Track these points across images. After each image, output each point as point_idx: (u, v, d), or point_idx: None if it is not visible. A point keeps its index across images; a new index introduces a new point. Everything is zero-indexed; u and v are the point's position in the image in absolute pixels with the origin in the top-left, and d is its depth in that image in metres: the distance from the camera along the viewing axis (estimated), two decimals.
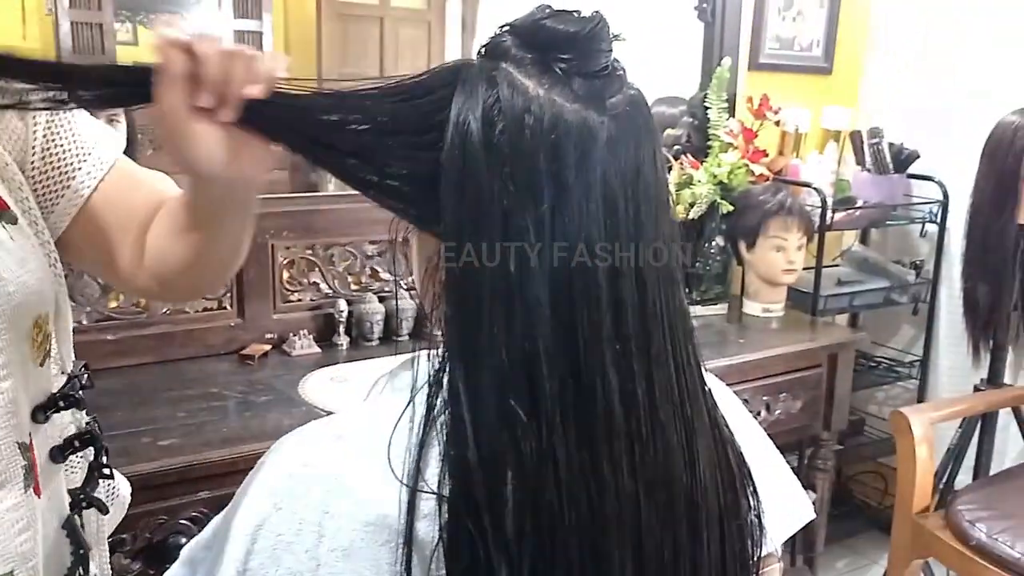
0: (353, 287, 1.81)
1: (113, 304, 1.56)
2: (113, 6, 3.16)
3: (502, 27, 0.67)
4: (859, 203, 2.29)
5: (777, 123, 2.25)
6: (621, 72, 0.66)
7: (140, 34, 3.30)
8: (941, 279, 2.39)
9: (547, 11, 0.66)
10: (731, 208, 2.09)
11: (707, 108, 2.22)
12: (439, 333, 0.63)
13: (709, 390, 0.68)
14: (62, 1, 3.03)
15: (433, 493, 0.57)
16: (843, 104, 2.47)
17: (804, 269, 2.15)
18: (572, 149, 0.61)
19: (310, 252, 1.76)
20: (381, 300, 1.79)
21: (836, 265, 2.45)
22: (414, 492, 0.57)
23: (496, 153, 0.61)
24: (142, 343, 1.57)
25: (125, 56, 3.21)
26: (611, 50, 0.66)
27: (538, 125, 0.60)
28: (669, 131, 2.26)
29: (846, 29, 2.52)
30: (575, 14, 0.65)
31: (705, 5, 2.21)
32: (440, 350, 0.62)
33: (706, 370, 0.68)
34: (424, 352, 0.63)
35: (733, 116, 2.23)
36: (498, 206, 0.60)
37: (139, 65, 0.65)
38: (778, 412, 1.91)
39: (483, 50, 0.67)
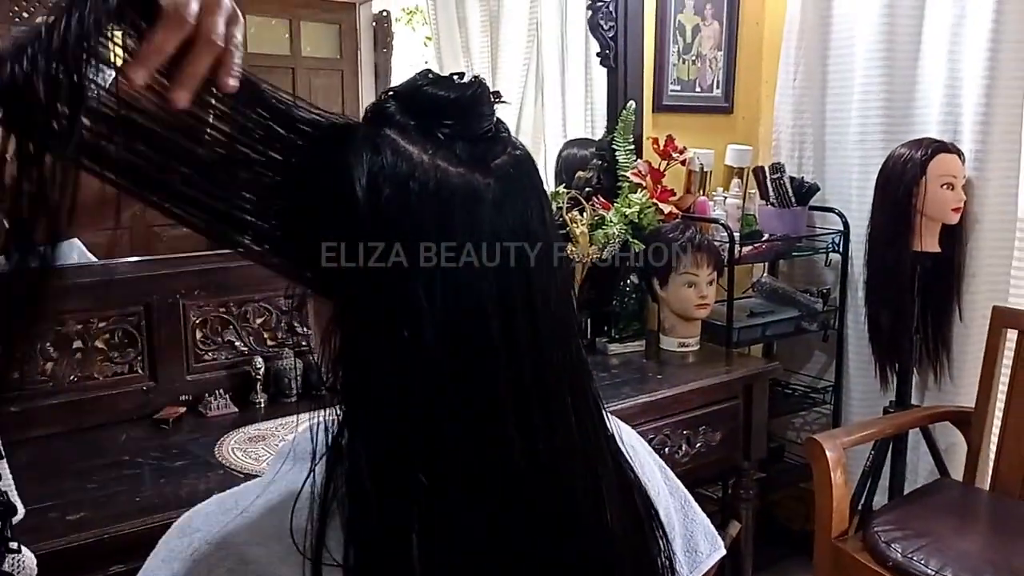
0: (269, 343, 1.79)
1: (16, 374, 1.51)
2: None
3: (385, 93, 0.69)
4: (765, 236, 2.37)
5: (683, 162, 2.32)
6: (505, 134, 0.68)
7: None
8: (847, 306, 2.48)
9: (428, 77, 0.68)
10: (643, 247, 2.14)
11: (615, 150, 2.28)
12: (338, 399, 0.63)
13: (611, 435, 0.70)
14: None
15: (338, 565, 0.57)
16: (745, 142, 2.57)
17: (717, 302, 2.21)
18: (458, 212, 0.62)
19: (223, 310, 1.74)
20: (298, 355, 1.78)
21: (747, 297, 2.52)
22: (317, 565, 0.57)
23: (383, 219, 0.61)
24: (49, 413, 1.52)
25: None
26: (493, 113, 0.68)
27: (423, 190, 0.61)
28: (580, 173, 2.31)
29: (743, 70, 2.63)
30: (456, 79, 0.67)
31: (608, 52, 2.29)
32: (339, 415, 0.62)
33: (607, 413, 0.69)
34: (323, 417, 0.63)
35: (640, 157, 2.30)
36: (388, 273, 0.61)
37: None
38: (699, 445, 1.95)
39: (367, 115, 0.68)
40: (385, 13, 3.99)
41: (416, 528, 0.57)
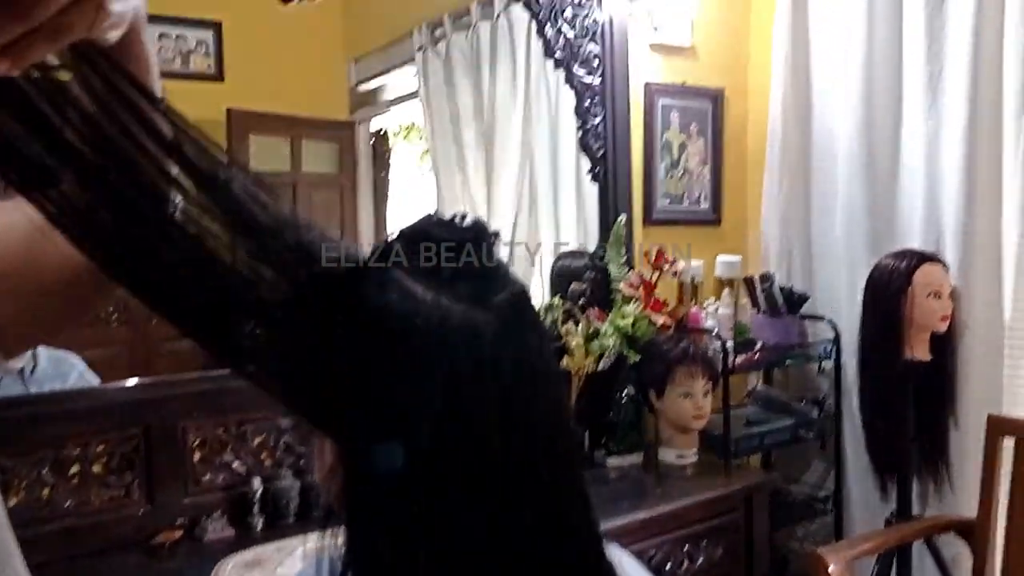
0: (267, 463, 1.79)
1: (12, 501, 1.50)
2: None
3: (392, 234, 0.72)
4: (758, 345, 2.40)
5: (674, 274, 2.37)
6: (504, 272, 0.72)
7: None
8: (844, 414, 2.49)
9: (432, 219, 0.72)
10: (638, 358, 2.16)
11: (607, 263, 2.33)
12: (341, 535, 0.64)
13: (610, 565, 0.71)
14: None
15: None
16: (734, 252, 2.62)
17: (713, 412, 2.22)
18: (461, 348, 0.65)
19: (222, 430, 1.74)
20: (297, 475, 1.77)
21: (743, 406, 2.53)
22: None
23: (388, 357, 0.64)
24: (45, 540, 1.51)
25: None
26: (494, 253, 0.71)
27: (427, 327, 0.64)
28: (574, 285, 2.35)
29: (729, 184, 2.71)
30: (458, 221, 0.71)
31: (598, 169, 2.37)
32: (341, 547, 0.63)
33: (608, 542, 0.71)
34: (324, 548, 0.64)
35: (632, 269, 2.35)
36: (392, 410, 0.63)
37: None
38: (700, 561, 1.93)
39: (374, 254, 0.72)
40: (383, 131, 4.13)
41: None
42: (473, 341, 0.66)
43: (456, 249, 0.69)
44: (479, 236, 0.71)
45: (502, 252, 0.73)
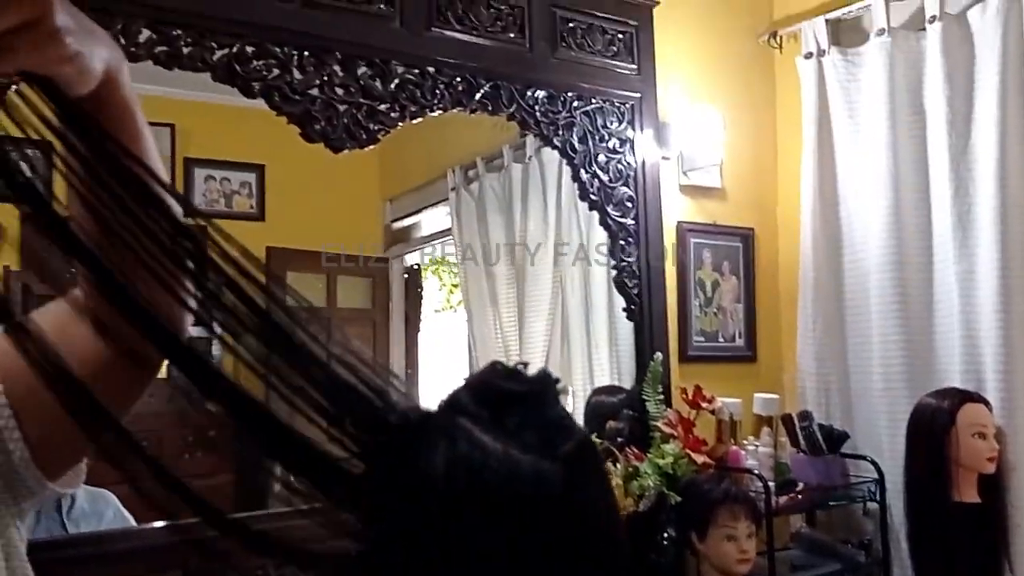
0: None
1: None
2: None
3: (460, 384, 0.74)
4: (800, 485, 2.36)
5: (712, 412, 2.36)
6: (568, 422, 0.73)
7: None
8: (892, 559, 2.41)
9: (498, 370, 0.74)
10: (679, 499, 2.13)
11: (644, 400, 2.33)
12: None
13: None
14: None
15: None
16: (770, 390, 2.62)
17: (757, 555, 2.15)
18: (530, 498, 0.66)
19: (260, 572, 1.72)
20: None
21: (788, 549, 2.46)
22: None
23: (458, 507, 0.65)
24: None
25: None
26: (558, 404, 0.73)
27: (496, 478, 0.65)
28: (611, 423, 2.34)
29: (763, 321, 2.73)
30: (523, 371, 0.74)
31: (633, 307, 2.40)
32: None
33: None
34: None
35: (670, 407, 2.34)
36: (459, 561, 0.63)
37: None
38: None
39: (443, 405, 0.74)
40: (416, 266, 4.23)
41: None
42: (541, 491, 0.67)
43: (521, 400, 0.71)
44: (544, 387, 0.73)
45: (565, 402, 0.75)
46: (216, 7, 1.76)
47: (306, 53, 1.88)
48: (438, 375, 4.29)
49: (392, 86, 2.00)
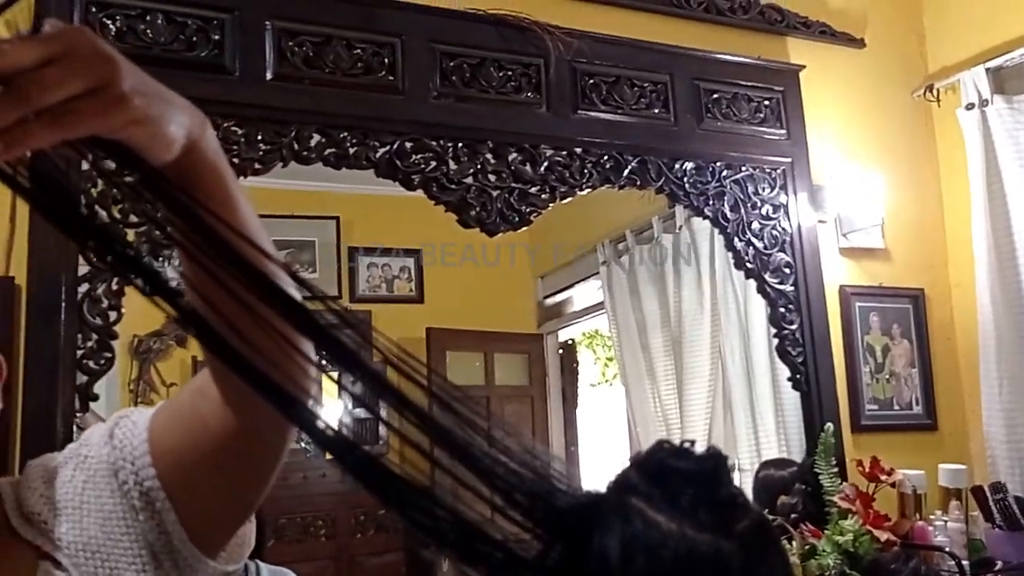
0: None
1: None
2: None
3: (628, 462, 0.75)
4: (998, 564, 2.17)
5: (892, 485, 2.23)
6: (742, 499, 0.73)
7: None
8: None
9: (667, 448, 0.74)
10: None
11: (817, 474, 2.23)
12: None
13: None
14: None
15: None
16: (956, 460, 2.44)
17: None
18: None
19: None
20: None
21: None
22: None
23: None
24: None
25: None
26: (731, 481, 0.73)
27: (673, 557, 0.65)
28: (783, 498, 2.25)
29: (942, 386, 2.57)
30: (692, 449, 0.74)
31: (799, 376, 2.32)
32: None
33: None
34: None
35: (845, 480, 2.23)
36: None
37: None
38: None
39: (613, 485, 0.75)
40: (571, 341, 4.26)
41: None
42: (721, 570, 0.66)
43: (693, 478, 0.71)
44: (717, 465, 0.73)
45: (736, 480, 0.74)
46: (378, 109, 1.89)
47: (460, 144, 1.97)
48: (598, 451, 4.27)
49: (542, 169, 2.06)
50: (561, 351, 4.26)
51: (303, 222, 3.71)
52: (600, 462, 4.18)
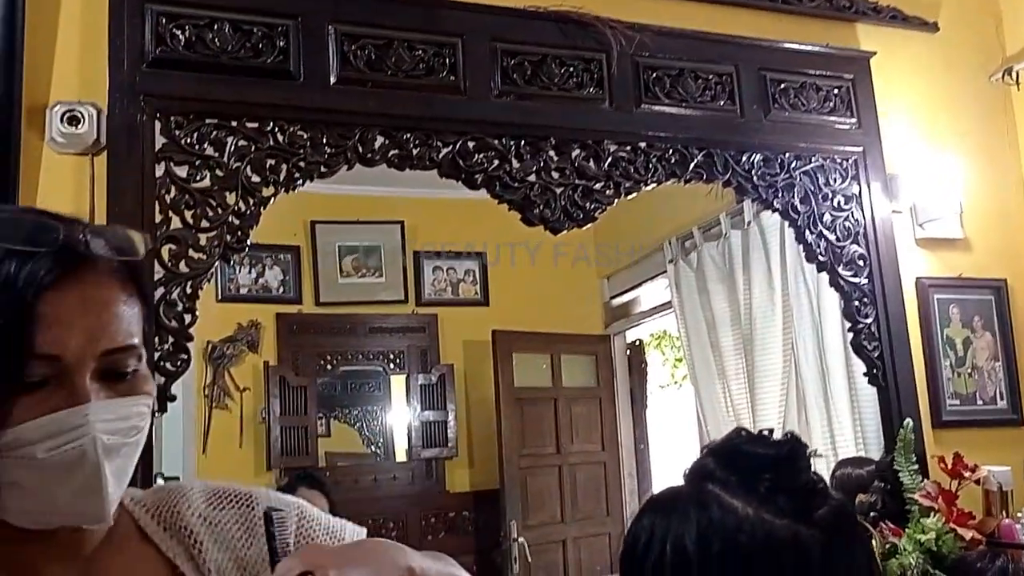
0: None
1: None
2: (316, 409, 3.57)
3: (703, 450, 0.74)
4: None
5: (977, 482, 2.14)
6: (822, 485, 0.70)
7: (332, 427, 3.67)
8: None
9: (743, 435, 0.72)
10: None
11: (897, 471, 2.16)
12: None
13: None
14: (274, 409, 3.44)
15: None
16: None
17: None
18: (789, 563, 0.64)
19: None
20: None
21: None
22: None
23: (715, 573, 0.64)
24: None
25: (321, 448, 3.55)
26: (810, 467, 0.70)
27: (752, 543, 0.64)
28: (862, 497, 2.19)
29: None
30: (769, 436, 0.72)
31: (875, 371, 2.25)
32: None
33: None
34: None
35: (926, 478, 2.15)
36: None
37: None
38: None
39: (689, 473, 0.73)
40: (638, 342, 4.22)
41: None
42: (802, 557, 0.65)
43: (771, 464, 0.70)
44: (795, 451, 0.71)
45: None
46: (440, 109, 1.90)
47: (523, 142, 1.97)
48: (668, 451, 4.21)
49: (606, 165, 2.05)
50: (629, 352, 4.22)
51: (369, 227, 3.75)
52: (671, 461, 4.13)
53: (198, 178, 1.63)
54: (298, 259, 3.63)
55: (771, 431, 0.74)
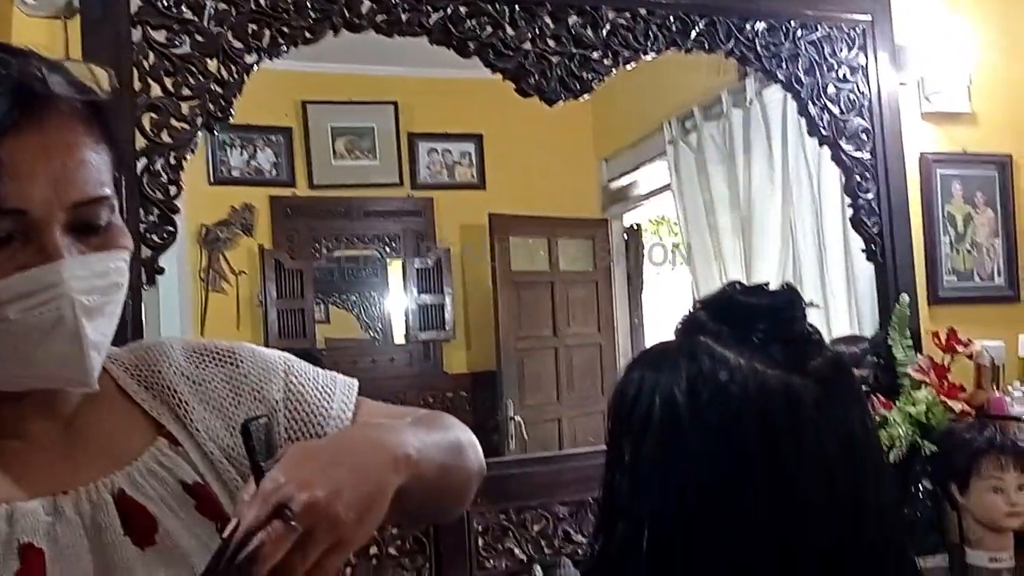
0: (547, 551, 1.80)
1: None
2: (313, 293, 3.57)
3: (695, 303, 0.72)
4: None
5: (970, 356, 2.16)
6: (818, 337, 0.69)
7: (331, 313, 3.68)
8: None
9: (738, 287, 0.70)
10: (934, 449, 1.97)
11: (891, 346, 2.17)
12: None
13: None
14: (271, 292, 3.44)
15: None
16: None
17: None
18: (780, 414, 0.62)
19: (503, 516, 1.78)
20: (575, 564, 1.76)
21: None
22: None
23: (704, 423, 0.63)
24: None
25: (320, 333, 3.57)
26: (805, 317, 0.69)
27: (743, 392, 0.62)
28: (855, 372, 2.20)
29: None
30: (765, 287, 0.69)
31: (874, 247, 2.23)
32: None
33: None
34: None
35: (920, 352, 2.16)
36: (711, 478, 0.61)
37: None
38: None
39: (680, 325, 0.71)
40: (635, 226, 4.19)
41: None
42: (793, 406, 0.63)
43: (766, 313, 0.68)
44: (791, 300, 0.69)
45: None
46: None
47: (517, 8, 1.88)
48: (664, 335, 4.24)
49: (604, 32, 1.97)
50: (626, 236, 4.19)
51: (362, 108, 3.66)
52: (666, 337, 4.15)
53: (177, 43, 1.56)
54: (290, 141, 3.55)
55: (768, 284, 0.71)
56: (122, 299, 0.73)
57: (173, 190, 1.53)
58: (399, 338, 3.71)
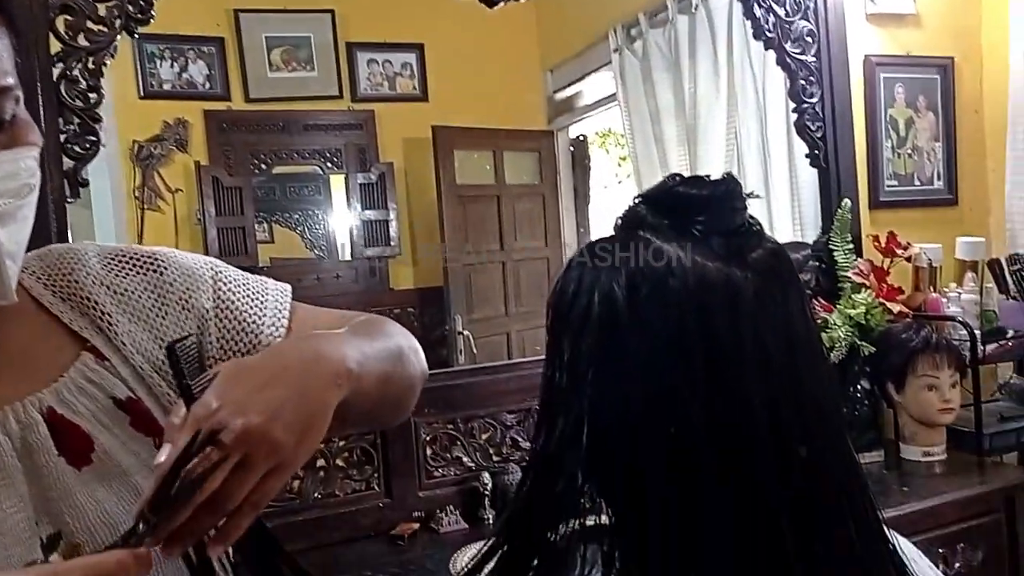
0: (495, 459, 1.82)
1: None
2: (253, 211, 3.48)
3: (635, 198, 0.69)
4: (1010, 333, 2.17)
5: (908, 259, 2.19)
6: (758, 228, 0.67)
7: (275, 232, 3.61)
8: None
9: (677, 179, 0.68)
10: (872, 350, 2.02)
11: (832, 251, 2.19)
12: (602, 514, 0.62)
13: (894, 547, 0.65)
14: (209, 210, 3.35)
15: None
16: (974, 233, 2.39)
17: (962, 407, 2.02)
18: (720, 307, 0.61)
19: (451, 426, 1.79)
20: (524, 469, 1.78)
21: (994, 400, 2.29)
22: None
23: (644, 318, 0.61)
24: (296, 529, 1.60)
25: (264, 253, 3.50)
26: (746, 208, 0.67)
27: (682, 286, 0.61)
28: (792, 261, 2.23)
29: (966, 160, 2.48)
30: (706, 178, 0.68)
31: (817, 152, 2.23)
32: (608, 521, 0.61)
33: (888, 526, 0.64)
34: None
35: (860, 256, 2.20)
36: (650, 372, 0.60)
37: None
38: (958, 565, 1.76)
39: (620, 220, 0.69)
40: (582, 137, 4.15)
41: None
42: (732, 299, 0.62)
43: (705, 204, 0.66)
44: (731, 190, 0.67)
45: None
46: None
47: None
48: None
49: None
50: (572, 148, 4.15)
51: (297, 16, 3.52)
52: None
53: None
54: (223, 52, 3.41)
55: (709, 175, 0.69)
56: (35, 202, 0.67)
57: (94, 97, 1.45)
58: (344, 255, 3.66)
